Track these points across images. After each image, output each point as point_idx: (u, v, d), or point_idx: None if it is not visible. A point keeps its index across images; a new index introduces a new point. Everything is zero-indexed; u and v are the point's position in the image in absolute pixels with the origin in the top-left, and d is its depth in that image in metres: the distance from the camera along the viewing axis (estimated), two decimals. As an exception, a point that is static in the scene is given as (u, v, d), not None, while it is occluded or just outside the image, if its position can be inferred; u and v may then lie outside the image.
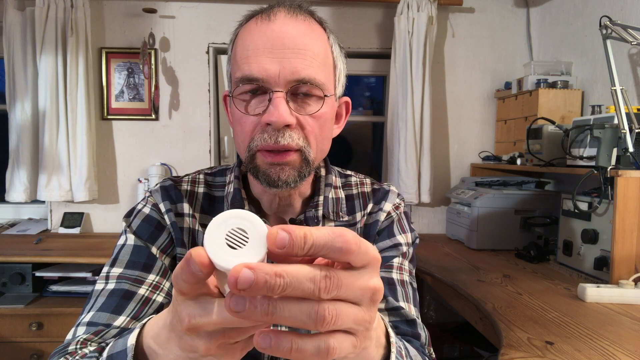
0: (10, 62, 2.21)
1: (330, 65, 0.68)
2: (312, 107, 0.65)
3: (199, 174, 0.80)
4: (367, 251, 0.33)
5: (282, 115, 0.61)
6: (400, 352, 0.48)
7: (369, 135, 2.90)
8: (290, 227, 0.31)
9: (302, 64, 0.62)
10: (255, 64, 0.62)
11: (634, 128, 1.46)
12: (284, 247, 0.30)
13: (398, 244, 0.76)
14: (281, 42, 0.62)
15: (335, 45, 0.70)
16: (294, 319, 0.31)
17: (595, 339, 1.08)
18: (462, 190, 2.26)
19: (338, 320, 0.32)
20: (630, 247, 1.44)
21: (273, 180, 0.65)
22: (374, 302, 0.35)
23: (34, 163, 2.27)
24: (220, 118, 2.54)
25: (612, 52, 1.52)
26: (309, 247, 0.31)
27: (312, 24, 0.67)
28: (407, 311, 0.70)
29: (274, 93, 0.62)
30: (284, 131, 0.62)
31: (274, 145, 0.62)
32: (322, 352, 0.32)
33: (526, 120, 2.14)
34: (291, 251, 0.31)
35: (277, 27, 0.63)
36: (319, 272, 0.31)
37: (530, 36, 2.48)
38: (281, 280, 0.30)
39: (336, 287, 0.32)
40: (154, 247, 0.71)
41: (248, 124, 0.65)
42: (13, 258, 1.88)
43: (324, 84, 0.65)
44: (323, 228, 0.32)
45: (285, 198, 0.73)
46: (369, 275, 0.34)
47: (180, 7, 2.37)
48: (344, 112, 0.77)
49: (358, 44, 2.45)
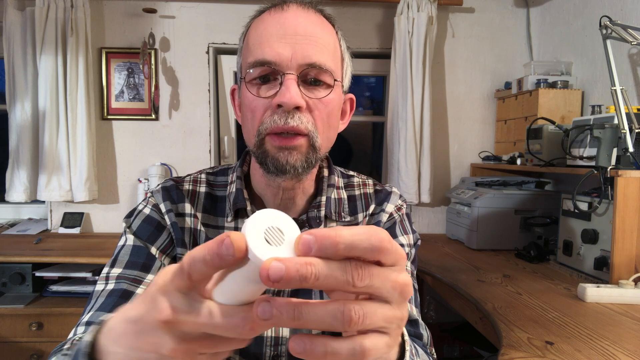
0: (10, 62, 2.21)
1: (339, 56, 0.71)
2: (321, 93, 0.67)
3: (200, 173, 0.80)
4: (398, 249, 0.33)
5: (293, 96, 0.62)
6: (411, 350, 0.49)
7: (369, 135, 2.90)
8: (317, 231, 0.30)
9: (313, 50, 0.65)
10: (269, 48, 0.64)
11: (634, 128, 1.46)
12: (310, 250, 0.30)
13: (400, 245, 0.76)
14: (294, 29, 0.65)
15: (343, 41, 0.74)
16: (321, 321, 0.30)
17: (595, 339, 1.08)
18: (462, 190, 2.26)
19: (366, 319, 0.31)
20: (630, 247, 1.44)
21: (281, 165, 0.65)
22: (404, 297, 0.34)
23: (34, 163, 2.27)
24: (220, 118, 2.53)
25: (612, 52, 1.52)
26: (344, 248, 0.30)
27: (322, 18, 0.70)
28: (410, 312, 0.70)
29: (285, 75, 0.63)
30: (294, 113, 0.64)
31: (283, 126, 0.63)
32: (358, 354, 0.32)
33: (526, 120, 2.14)
34: (322, 253, 0.30)
35: (290, 15, 0.66)
36: (349, 262, 0.31)
37: (530, 36, 2.48)
38: (312, 268, 0.29)
39: (369, 276, 0.31)
40: (153, 248, 0.71)
41: (259, 106, 0.66)
42: (13, 258, 1.88)
43: (334, 70, 0.68)
44: (358, 227, 0.31)
45: (289, 191, 0.73)
46: (397, 272, 0.34)
47: (180, 7, 2.37)
48: (349, 109, 0.79)
49: (358, 44, 2.45)
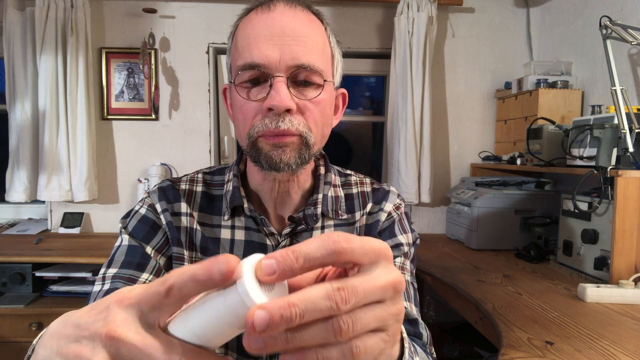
0: (10, 62, 2.21)
1: (328, 54, 0.70)
2: (311, 93, 0.66)
3: (197, 173, 0.81)
4: (369, 245, 0.33)
5: (283, 99, 0.62)
6: (410, 348, 0.49)
7: (369, 135, 2.90)
8: (276, 252, 0.31)
9: (302, 51, 0.64)
10: (257, 51, 0.64)
11: (634, 128, 1.46)
12: (274, 271, 0.30)
13: (399, 244, 0.76)
14: (281, 30, 0.64)
15: (332, 37, 0.72)
16: (315, 337, 0.31)
17: (595, 339, 1.08)
18: (462, 190, 2.26)
19: (357, 325, 0.32)
20: (630, 247, 1.44)
21: (275, 162, 0.65)
22: (397, 293, 0.34)
23: (34, 163, 2.27)
24: (220, 118, 2.54)
25: (612, 52, 1.52)
26: (303, 261, 0.31)
27: (310, 15, 0.69)
28: (409, 311, 0.70)
29: (274, 78, 0.63)
30: (285, 116, 0.63)
31: (275, 129, 0.63)
32: (347, 355, 0.32)
33: (526, 120, 2.14)
34: (286, 271, 0.30)
35: (277, 15, 0.65)
36: (331, 286, 0.31)
37: (530, 36, 2.48)
38: (296, 308, 0.29)
39: (353, 295, 0.31)
40: (148, 247, 0.72)
41: (250, 110, 0.66)
42: (13, 258, 1.88)
43: (323, 71, 0.67)
44: (311, 238, 0.32)
45: (284, 184, 0.73)
46: (383, 270, 0.33)
47: (180, 7, 2.37)
48: (341, 104, 0.78)
49: (358, 44, 2.45)
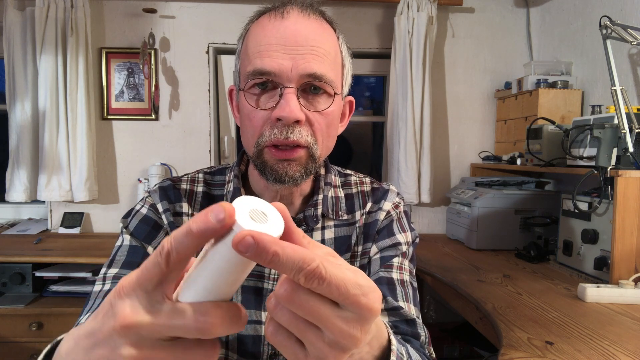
0: (10, 62, 2.21)
1: (339, 64, 0.70)
2: (321, 105, 0.66)
3: (198, 173, 0.80)
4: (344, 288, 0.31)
5: (293, 110, 0.62)
6: (398, 356, 0.48)
7: (369, 135, 2.90)
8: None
9: (314, 61, 0.64)
10: (268, 59, 0.63)
11: (634, 128, 1.46)
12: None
13: (398, 243, 0.76)
14: (294, 39, 0.63)
15: (344, 46, 0.72)
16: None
17: (595, 339, 1.08)
18: (462, 190, 2.26)
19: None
20: (630, 247, 1.44)
21: (280, 176, 0.65)
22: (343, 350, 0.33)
23: (34, 163, 2.27)
24: (220, 118, 2.53)
25: (612, 52, 1.52)
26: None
27: (323, 23, 0.68)
28: (406, 311, 0.70)
29: (285, 88, 0.63)
30: (294, 127, 0.63)
31: (283, 140, 0.63)
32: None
33: (526, 120, 2.14)
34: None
35: (290, 24, 0.64)
36: (313, 266, 0.31)
37: (530, 36, 2.48)
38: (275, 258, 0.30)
39: (318, 283, 0.31)
40: (149, 247, 0.71)
41: (258, 118, 0.65)
42: (13, 258, 1.88)
43: (334, 82, 0.66)
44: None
45: (286, 196, 0.73)
46: (354, 320, 0.33)
47: (180, 7, 2.37)
48: (348, 112, 0.79)
49: (358, 44, 2.45)
